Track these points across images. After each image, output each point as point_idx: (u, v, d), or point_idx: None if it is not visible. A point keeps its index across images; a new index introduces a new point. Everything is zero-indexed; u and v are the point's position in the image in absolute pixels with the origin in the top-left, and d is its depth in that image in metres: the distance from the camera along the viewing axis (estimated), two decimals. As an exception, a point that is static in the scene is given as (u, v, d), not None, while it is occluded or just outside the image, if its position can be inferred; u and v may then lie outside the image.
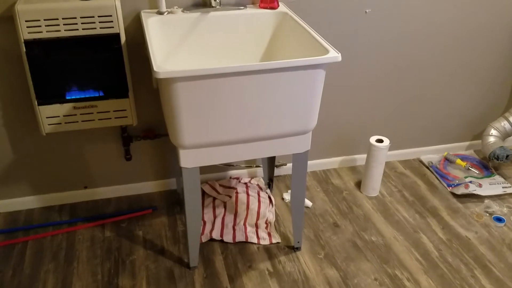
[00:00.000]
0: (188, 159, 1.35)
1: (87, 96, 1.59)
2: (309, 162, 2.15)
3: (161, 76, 1.13)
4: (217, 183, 1.99)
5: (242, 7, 1.64)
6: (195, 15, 1.58)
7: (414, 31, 1.94)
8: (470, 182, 2.05)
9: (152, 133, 1.85)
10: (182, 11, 1.60)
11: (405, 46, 1.96)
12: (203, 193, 1.95)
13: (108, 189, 1.97)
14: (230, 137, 1.33)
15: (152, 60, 1.19)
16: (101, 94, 1.60)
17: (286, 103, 1.32)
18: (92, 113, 1.62)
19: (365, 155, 2.19)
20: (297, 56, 1.46)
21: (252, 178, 2.08)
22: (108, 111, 1.63)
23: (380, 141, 1.94)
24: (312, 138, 1.98)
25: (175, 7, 1.61)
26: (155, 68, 1.15)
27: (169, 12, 1.58)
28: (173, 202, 1.96)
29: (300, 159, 1.51)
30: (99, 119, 1.64)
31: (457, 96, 2.17)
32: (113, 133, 1.84)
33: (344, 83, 1.98)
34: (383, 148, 1.92)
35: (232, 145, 1.37)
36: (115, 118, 1.65)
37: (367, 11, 1.83)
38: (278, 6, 1.66)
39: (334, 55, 1.27)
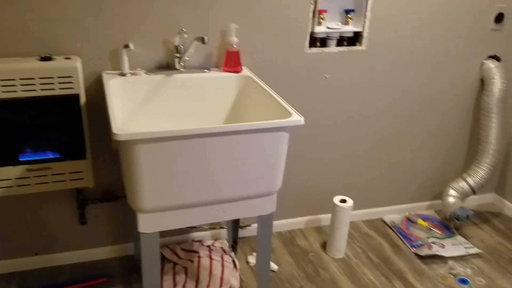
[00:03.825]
0: (148, 224, 1.29)
1: (42, 158, 1.52)
2: (274, 222, 2.11)
3: (120, 138, 1.10)
4: (178, 247, 1.90)
5: (206, 70, 1.66)
6: (158, 77, 1.58)
7: (374, 95, 2.01)
8: (433, 242, 2.06)
9: (109, 195, 1.78)
10: (146, 73, 1.59)
11: (365, 108, 2.03)
12: (163, 258, 1.86)
13: (60, 255, 1.85)
14: (193, 200, 1.29)
15: (112, 122, 1.16)
16: (57, 155, 1.54)
17: (250, 165, 1.31)
18: (46, 175, 1.54)
19: (330, 215, 2.18)
20: (261, 118, 1.47)
21: (215, 240, 2.00)
22: (64, 173, 1.56)
23: (344, 201, 1.94)
24: (277, 198, 1.96)
25: (138, 69, 1.61)
26: (114, 130, 1.11)
27: (132, 74, 1.57)
28: (130, 269, 1.85)
29: (265, 221, 1.48)
30: (53, 182, 1.56)
31: (416, 157, 2.23)
32: (67, 195, 1.75)
33: (308, 143, 2.01)
34: (347, 209, 1.92)
35: (194, 208, 1.33)
36: (71, 180, 1.58)
37: (326, 76, 1.90)
38: (242, 70, 1.70)
39: (297, 118, 1.28)
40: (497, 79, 2.06)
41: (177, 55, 1.60)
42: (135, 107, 1.57)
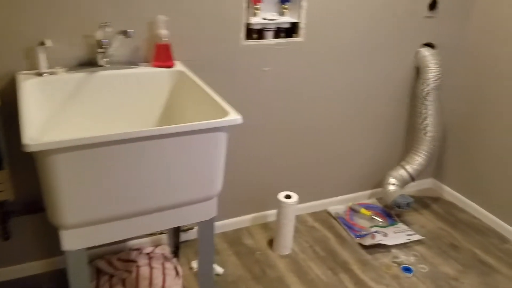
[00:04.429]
0: (72, 241, 1.17)
1: (-52, 170, 1.35)
2: (219, 222, 2.04)
3: (32, 148, 0.97)
4: (115, 257, 1.78)
5: (134, 66, 1.54)
6: (80, 75, 1.43)
7: (312, 87, 1.97)
8: (376, 231, 2.07)
9: (34, 206, 1.62)
10: (66, 71, 1.44)
11: (304, 101, 1.99)
12: (98, 270, 1.73)
13: (-18, 275, 1.67)
14: (123, 211, 1.18)
15: (24, 129, 1.03)
16: (-32, 167, 1.37)
17: (186, 169, 1.21)
18: (-45, 190, 1.37)
19: (276, 211, 2.14)
20: (197, 118, 1.37)
21: (156, 246, 1.89)
22: (-22, 187, 1.40)
23: (289, 196, 1.90)
24: (220, 198, 1.89)
25: (58, 67, 1.46)
26: (25, 139, 0.98)
27: (50, 73, 1.42)
28: (63, 283, 1.71)
29: (206, 226, 1.39)
30: (-34, 197, 1.39)
31: (356, 147, 2.23)
32: (-14, 210, 1.58)
33: (248, 140, 1.94)
34: (292, 204, 1.88)
35: (125, 219, 1.22)
36: (-13, 194, 1.42)
37: (265, 69, 1.83)
38: (174, 64, 1.59)
39: (234, 117, 1.20)
40: (432, 66, 2.09)
41: (100, 50, 1.46)
42: (56, 110, 1.42)
